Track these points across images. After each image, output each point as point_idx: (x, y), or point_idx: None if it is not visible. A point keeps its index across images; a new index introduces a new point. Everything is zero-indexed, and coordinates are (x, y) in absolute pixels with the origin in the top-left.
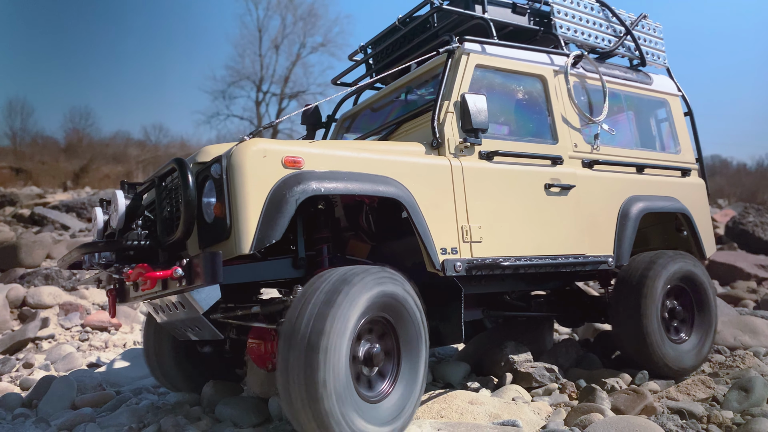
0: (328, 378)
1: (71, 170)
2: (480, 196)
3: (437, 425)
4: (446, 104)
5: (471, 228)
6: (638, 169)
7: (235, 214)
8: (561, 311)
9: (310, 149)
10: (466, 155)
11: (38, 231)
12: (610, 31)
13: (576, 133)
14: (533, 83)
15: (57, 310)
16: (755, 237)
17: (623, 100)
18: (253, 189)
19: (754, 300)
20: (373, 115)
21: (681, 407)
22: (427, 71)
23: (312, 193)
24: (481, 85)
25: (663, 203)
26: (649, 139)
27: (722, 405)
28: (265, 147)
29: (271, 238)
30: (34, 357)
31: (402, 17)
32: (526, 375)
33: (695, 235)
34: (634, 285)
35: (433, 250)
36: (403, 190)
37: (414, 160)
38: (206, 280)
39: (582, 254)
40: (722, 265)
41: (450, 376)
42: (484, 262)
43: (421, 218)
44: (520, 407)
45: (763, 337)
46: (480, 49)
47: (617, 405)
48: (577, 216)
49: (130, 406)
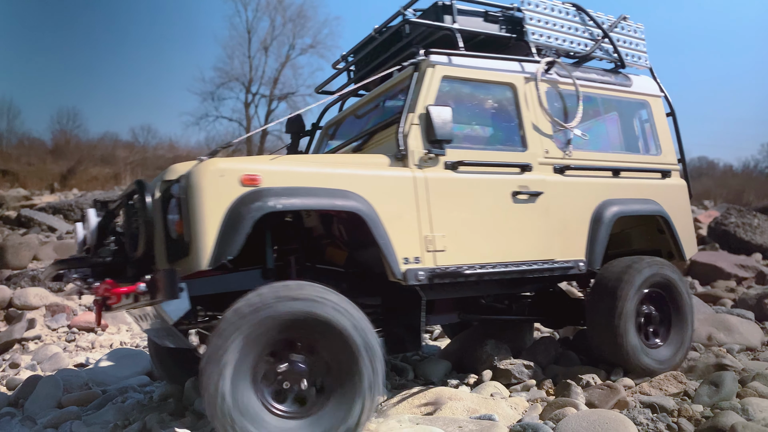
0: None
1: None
2: (444, 206)
3: (416, 419)
4: (411, 116)
5: (435, 237)
6: (614, 172)
7: (193, 231)
8: (542, 314)
9: (268, 166)
10: (431, 166)
11: (25, 233)
12: (586, 35)
13: (547, 140)
14: (503, 91)
15: (43, 312)
16: (736, 237)
17: (600, 104)
18: (210, 208)
19: (732, 299)
20: (357, 121)
21: (653, 401)
22: (399, 82)
23: (268, 210)
24: (448, 96)
25: (639, 206)
26: (628, 142)
27: (693, 399)
28: (222, 167)
29: (228, 254)
30: (20, 357)
31: (378, 27)
32: (505, 372)
33: (674, 237)
34: (609, 290)
35: (394, 260)
36: (362, 202)
37: (375, 173)
38: (166, 295)
39: (551, 259)
40: (703, 265)
41: (431, 373)
42: (446, 270)
43: (381, 230)
44: (498, 402)
45: (737, 335)
46: (446, 60)
47: (591, 400)
48: (547, 222)
49: (115, 404)
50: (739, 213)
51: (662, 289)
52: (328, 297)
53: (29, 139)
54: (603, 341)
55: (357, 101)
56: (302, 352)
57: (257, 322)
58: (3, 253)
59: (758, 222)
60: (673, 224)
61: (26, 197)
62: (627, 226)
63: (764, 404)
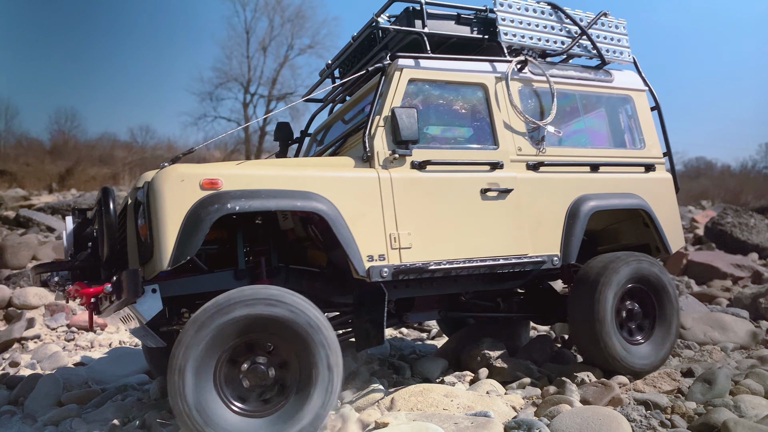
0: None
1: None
2: (409, 205)
3: (412, 416)
4: (378, 119)
5: (400, 235)
6: (592, 167)
7: (155, 234)
8: (530, 311)
9: (230, 170)
10: (397, 166)
11: (23, 233)
12: (564, 33)
13: (520, 137)
14: (474, 92)
15: (43, 311)
16: (733, 237)
17: (578, 100)
18: (171, 211)
19: (728, 298)
20: (344, 126)
21: (646, 398)
22: (371, 87)
23: (227, 211)
24: (416, 99)
25: (617, 200)
26: (608, 137)
27: (687, 396)
28: (183, 171)
29: (187, 255)
30: (20, 356)
31: (356, 35)
32: (501, 370)
33: (657, 230)
34: (588, 289)
35: (357, 258)
36: (324, 203)
37: (339, 174)
38: (129, 294)
39: (523, 254)
40: (700, 265)
41: (428, 371)
42: (411, 267)
43: (344, 229)
44: (494, 400)
45: (731, 333)
46: (413, 63)
47: (586, 397)
48: (518, 218)
49: (115, 402)
50: (735, 213)
51: (644, 285)
52: (283, 298)
53: (27, 139)
54: (583, 338)
55: (341, 106)
56: (262, 352)
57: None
58: (2, 253)
59: (754, 222)
60: (656, 218)
61: (25, 197)
62: (615, 221)
63: (756, 401)
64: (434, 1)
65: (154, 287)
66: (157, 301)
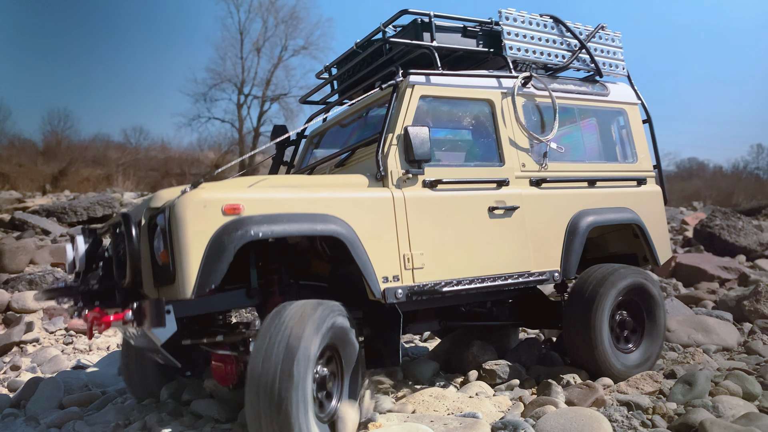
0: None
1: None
2: (422, 224)
3: (403, 417)
4: (390, 137)
5: (413, 255)
6: (590, 182)
7: (178, 262)
8: (522, 318)
9: (251, 194)
10: (409, 185)
11: (19, 236)
12: (564, 47)
13: (524, 154)
14: (481, 108)
15: (41, 315)
16: (721, 240)
17: (577, 115)
18: (194, 239)
19: (713, 300)
20: (342, 131)
21: (629, 400)
22: (381, 97)
23: (250, 238)
24: (426, 115)
25: (613, 215)
26: (604, 151)
27: (668, 397)
28: (205, 197)
29: (211, 283)
30: (20, 360)
31: (359, 42)
32: (491, 372)
33: (648, 243)
34: (586, 299)
35: (373, 280)
36: (343, 225)
37: (355, 195)
38: (152, 323)
39: (527, 271)
40: (687, 267)
41: (419, 374)
42: (424, 288)
43: (361, 251)
44: (482, 401)
45: (714, 335)
46: (424, 80)
47: (571, 398)
48: (523, 235)
49: (116, 405)
50: (724, 215)
51: (637, 297)
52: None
53: (20, 140)
54: (577, 347)
55: (341, 112)
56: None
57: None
58: (0, 258)
59: (742, 224)
60: (647, 231)
61: (19, 200)
62: (605, 231)
63: (734, 402)
64: (442, 14)
65: (169, 308)
66: (172, 323)
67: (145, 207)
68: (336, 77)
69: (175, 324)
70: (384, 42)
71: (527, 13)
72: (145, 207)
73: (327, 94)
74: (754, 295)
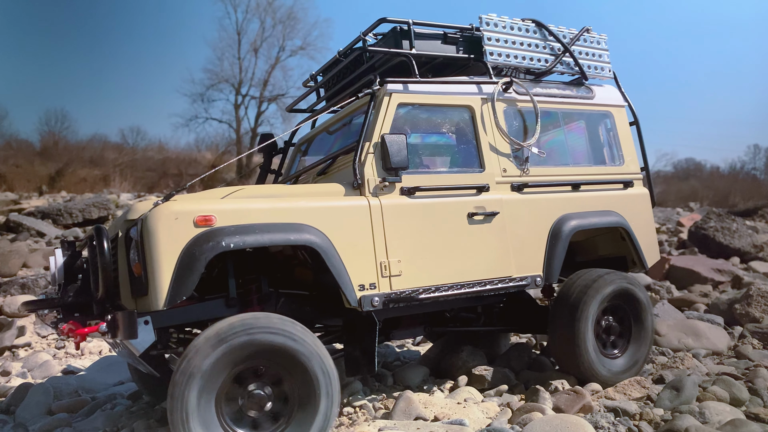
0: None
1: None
2: (399, 232)
3: (390, 424)
4: (367, 145)
5: (390, 263)
6: (574, 186)
7: (150, 274)
8: (510, 323)
9: (223, 206)
10: (386, 193)
11: (14, 238)
12: (547, 51)
13: (505, 159)
14: (461, 114)
15: (33, 319)
16: (716, 242)
17: (561, 118)
18: (165, 251)
19: (705, 303)
20: (327, 138)
21: (616, 406)
22: (362, 105)
23: (221, 249)
24: (405, 123)
25: (598, 219)
26: (590, 154)
27: (655, 403)
28: (176, 209)
29: (183, 294)
30: (11, 365)
31: (342, 50)
32: (480, 377)
33: (635, 246)
34: (570, 305)
35: (349, 288)
36: (318, 235)
37: (330, 204)
38: (125, 335)
39: (507, 276)
40: (681, 270)
41: (409, 379)
42: (401, 295)
43: (336, 259)
44: (470, 407)
45: (704, 339)
46: (402, 87)
47: (558, 404)
48: (503, 240)
49: (105, 411)
50: (718, 217)
51: (623, 302)
52: (286, 328)
53: (17, 141)
54: (562, 353)
55: (327, 119)
56: (263, 378)
57: (228, 350)
58: None
59: (737, 226)
60: (634, 234)
61: (15, 201)
62: (593, 234)
63: (721, 407)
64: (421, 21)
65: (146, 319)
66: (150, 333)
67: (123, 219)
68: (321, 85)
69: (153, 335)
70: (363, 51)
71: (508, 18)
72: (123, 219)
73: (314, 101)
74: (746, 298)
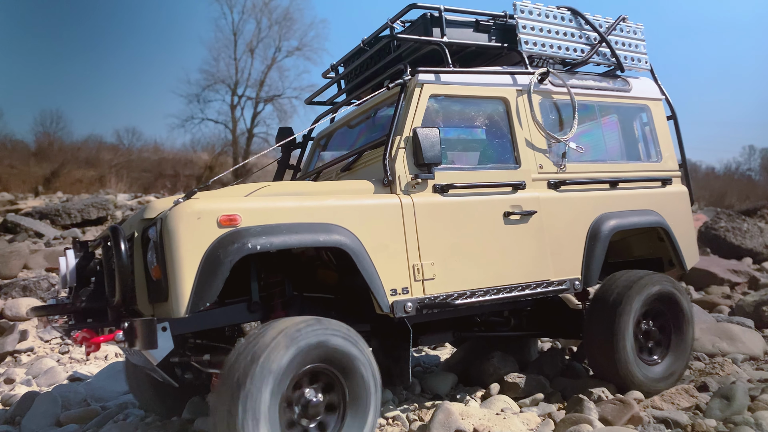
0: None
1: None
2: (433, 232)
3: None
4: (398, 139)
5: (423, 266)
6: (611, 184)
7: (170, 278)
8: (540, 327)
9: (248, 204)
10: (419, 191)
11: (11, 239)
12: (583, 40)
13: (541, 154)
14: (495, 106)
15: (36, 322)
16: (727, 242)
17: (598, 112)
18: (187, 253)
19: (729, 305)
20: (350, 132)
21: (666, 416)
22: (389, 97)
23: (247, 252)
24: (437, 115)
25: (637, 218)
26: (627, 150)
27: (705, 413)
28: (199, 208)
29: (207, 301)
30: (14, 371)
31: (366, 39)
32: (513, 385)
33: (674, 247)
34: (611, 304)
35: (381, 293)
36: (347, 235)
37: (360, 203)
38: (144, 345)
39: (545, 280)
40: (697, 271)
41: (438, 387)
42: (435, 300)
43: (368, 262)
44: (510, 419)
45: (740, 344)
46: (434, 78)
47: (605, 415)
48: (540, 241)
49: (117, 423)
50: (728, 218)
51: (665, 307)
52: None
53: (12, 141)
54: (600, 358)
55: (348, 112)
56: (316, 385)
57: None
58: None
59: (747, 226)
60: (674, 235)
61: (11, 201)
62: (628, 234)
63: None
64: (453, 8)
65: (164, 325)
66: (168, 340)
67: (139, 218)
68: (343, 76)
69: (172, 342)
70: (392, 39)
71: (543, 5)
72: (139, 218)
73: (334, 94)
74: None
